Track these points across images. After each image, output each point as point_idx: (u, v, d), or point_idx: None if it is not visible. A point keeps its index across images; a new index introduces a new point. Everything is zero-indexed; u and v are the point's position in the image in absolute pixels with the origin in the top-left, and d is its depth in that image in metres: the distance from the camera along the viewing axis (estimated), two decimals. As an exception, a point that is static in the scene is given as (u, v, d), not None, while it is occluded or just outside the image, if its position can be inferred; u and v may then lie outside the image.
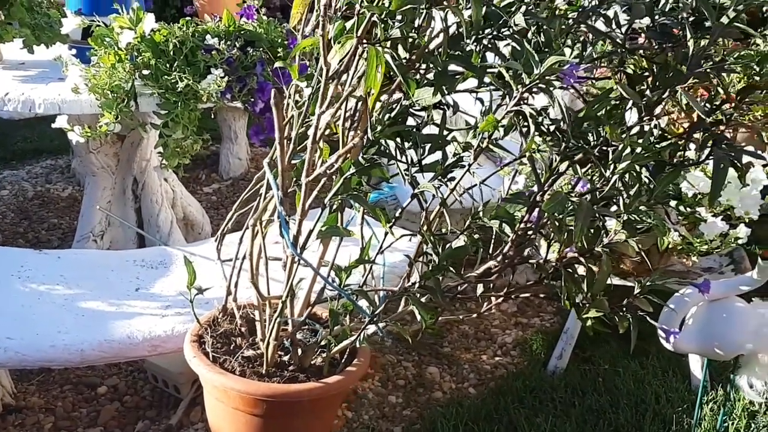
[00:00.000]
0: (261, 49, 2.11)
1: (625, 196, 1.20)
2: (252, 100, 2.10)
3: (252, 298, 1.54)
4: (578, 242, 1.20)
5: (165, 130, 2.06)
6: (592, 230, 1.30)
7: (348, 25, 1.14)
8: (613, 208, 1.31)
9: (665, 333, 1.47)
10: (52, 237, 2.98)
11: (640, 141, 1.19)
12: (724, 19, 1.06)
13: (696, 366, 2.00)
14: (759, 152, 1.49)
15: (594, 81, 1.46)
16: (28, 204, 3.27)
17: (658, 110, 1.21)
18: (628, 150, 1.12)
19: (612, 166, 1.13)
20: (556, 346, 2.19)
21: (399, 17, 1.12)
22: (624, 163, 1.12)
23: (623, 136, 1.15)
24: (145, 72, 2.01)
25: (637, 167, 1.13)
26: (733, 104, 1.45)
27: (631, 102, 1.32)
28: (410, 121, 1.38)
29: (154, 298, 1.73)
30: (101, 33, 2.04)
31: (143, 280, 1.81)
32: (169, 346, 1.57)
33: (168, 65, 2.00)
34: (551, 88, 1.06)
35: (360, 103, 1.26)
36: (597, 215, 1.21)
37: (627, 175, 1.19)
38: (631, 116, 1.46)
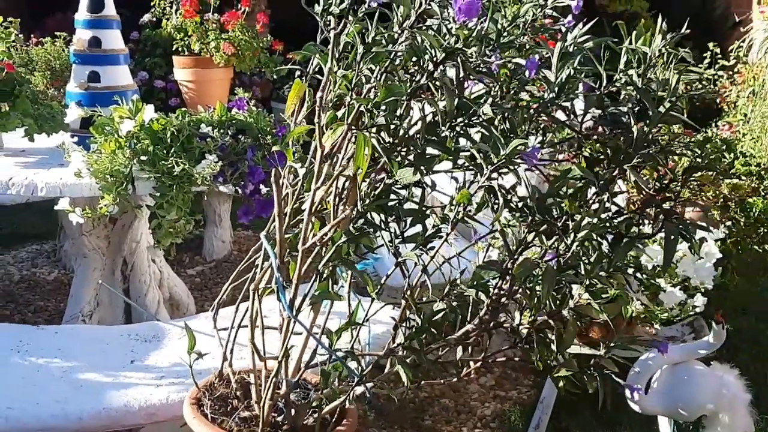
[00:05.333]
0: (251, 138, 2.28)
1: (586, 262, 1.35)
2: (243, 182, 2.25)
3: (245, 362, 1.63)
4: (545, 304, 1.33)
5: (160, 211, 2.19)
6: (559, 295, 1.44)
7: (339, 114, 1.30)
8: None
9: (630, 390, 1.58)
10: (39, 319, 3.03)
11: (591, 212, 1.35)
12: (662, 108, 1.24)
13: (665, 429, 2.10)
14: (708, 226, 1.66)
15: (557, 163, 1.64)
16: (15, 287, 3.34)
17: (615, 188, 1.38)
18: (586, 221, 1.28)
19: (572, 235, 1.28)
20: (533, 416, 2.28)
21: (383, 107, 1.29)
22: (582, 232, 1.27)
23: (581, 209, 1.30)
24: (144, 158, 2.16)
25: (595, 236, 1.28)
26: (679, 183, 1.64)
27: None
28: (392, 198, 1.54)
29: (148, 369, 1.81)
30: (103, 122, 2.20)
31: (137, 353, 1.89)
32: (165, 414, 1.65)
33: (165, 151, 2.16)
34: (516, 167, 1.22)
35: (348, 181, 1.41)
36: (562, 280, 1.34)
37: (587, 244, 1.33)
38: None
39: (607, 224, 1.34)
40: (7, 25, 2.75)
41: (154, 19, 4.37)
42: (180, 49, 3.70)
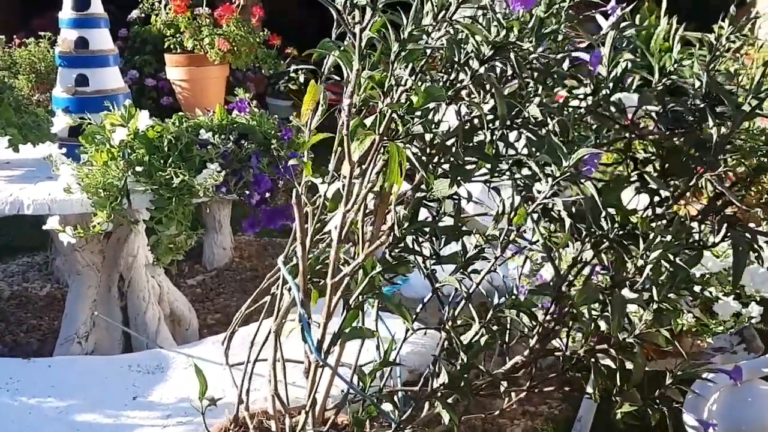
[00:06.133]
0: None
1: (654, 284, 1.18)
2: (248, 192, 2.07)
3: (259, 402, 1.46)
4: (614, 335, 1.16)
5: (158, 226, 2.00)
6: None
7: (367, 121, 1.12)
8: (634, 295, 1.28)
9: (703, 425, 1.42)
10: (32, 339, 2.85)
11: (664, 228, 1.18)
12: (746, 107, 1.07)
13: (716, 451, 1.93)
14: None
15: (605, 167, 1.46)
16: (5, 305, 3.15)
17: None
18: (658, 239, 1.10)
19: (644, 255, 1.10)
20: (570, 435, 2.12)
21: (418, 113, 1.11)
22: (656, 252, 1.09)
23: (651, 225, 1.13)
24: (139, 169, 1.97)
25: (670, 256, 1.10)
26: (743, 186, 1.46)
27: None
28: (423, 212, 1.36)
29: (152, 407, 1.63)
30: (93, 131, 2.01)
31: (140, 387, 1.71)
32: (173, 460, 1.47)
33: (162, 161, 1.97)
34: (580, 180, 1.04)
35: (376, 199, 1.23)
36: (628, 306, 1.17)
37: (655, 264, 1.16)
38: (639, 201, 1.46)
39: (679, 239, 1.17)
40: (-16, 27, 2.54)
41: (143, 15, 4.17)
42: (172, 46, 3.50)
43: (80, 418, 1.57)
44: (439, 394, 1.23)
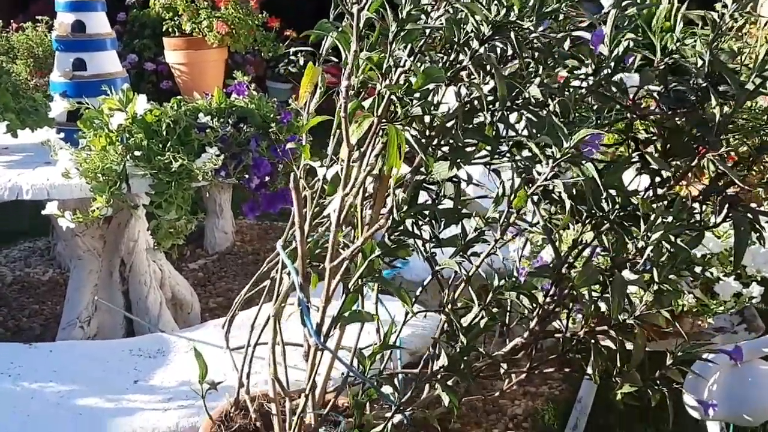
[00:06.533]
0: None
1: (654, 265, 1.17)
2: (247, 176, 2.06)
3: (260, 385, 1.46)
4: (614, 317, 1.15)
5: (158, 211, 2.00)
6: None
7: (365, 104, 1.11)
8: (634, 276, 1.27)
9: (702, 405, 1.42)
10: (34, 324, 2.86)
11: (665, 210, 1.17)
12: (749, 86, 1.05)
13: (714, 430, 1.94)
14: (768, 210, 1.47)
15: (606, 148, 1.45)
16: (7, 290, 3.15)
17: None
18: (660, 220, 1.09)
19: (645, 237, 1.09)
20: (570, 417, 2.12)
21: (417, 95, 1.09)
22: (657, 233, 1.09)
23: (653, 206, 1.12)
24: (137, 153, 1.96)
25: (671, 237, 1.10)
26: (745, 166, 1.45)
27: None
28: (422, 195, 1.35)
29: (154, 390, 1.64)
30: (91, 115, 2.00)
31: (141, 371, 1.71)
32: (175, 443, 1.48)
33: (161, 145, 1.96)
34: (581, 162, 1.03)
35: (375, 182, 1.22)
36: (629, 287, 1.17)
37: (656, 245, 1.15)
38: (640, 182, 1.45)
39: (680, 221, 1.16)
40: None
41: (141, -2, 4.14)
42: (170, 29, 3.48)
43: (82, 402, 1.57)
44: (439, 376, 1.23)
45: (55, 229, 3.15)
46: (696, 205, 1.34)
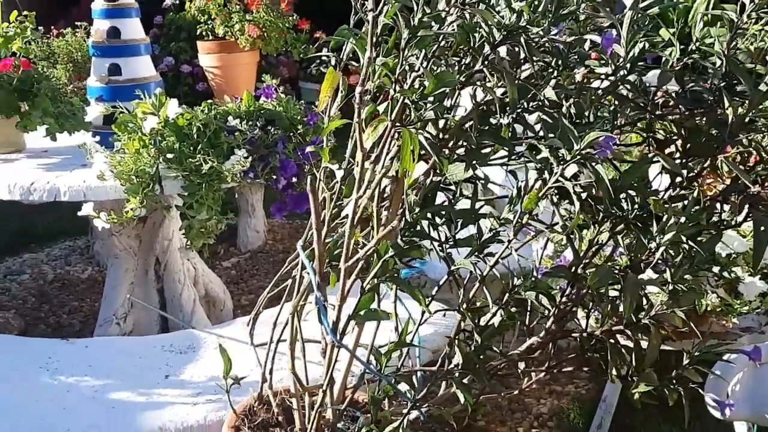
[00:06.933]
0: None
1: (670, 265, 1.18)
2: (274, 177, 2.11)
3: (285, 380, 1.50)
4: (627, 316, 1.16)
5: (189, 211, 2.06)
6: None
7: (381, 108, 1.14)
8: (652, 276, 1.28)
9: (720, 405, 1.41)
10: (74, 321, 2.96)
11: (679, 210, 1.17)
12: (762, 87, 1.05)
13: (741, 430, 1.92)
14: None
15: (625, 147, 1.45)
16: (48, 287, 3.27)
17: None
18: (672, 220, 1.10)
19: (658, 237, 1.10)
20: (595, 416, 2.12)
21: (431, 99, 1.12)
22: (669, 234, 1.09)
23: (666, 206, 1.13)
24: (170, 156, 2.02)
25: (683, 237, 1.10)
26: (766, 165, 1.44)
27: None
28: (440, 196, 1.37)
29: (184, 385, 1.69)
30: (125, 119, 2.07)
31: (172, 367, 1.77)
32: (203, 436, 1.53)
33: (192, 148, 2.02)
34: (592, 164, 1.04)
35: (391, 184, 1.25)
36: (643, 287, 1.18)
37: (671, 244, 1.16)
38: (661, 181, 1.45)
39: (693, 221, 1.16)
40: (22, 19, 2.62)
41: (177, 1, 4.22)
42: (204, 33, 3.55)
43: (115, 396, 1.64)
44: (456, 374, 1.26)
45: (94, 229, 3.25)
46: (718, 205, 1.34)
